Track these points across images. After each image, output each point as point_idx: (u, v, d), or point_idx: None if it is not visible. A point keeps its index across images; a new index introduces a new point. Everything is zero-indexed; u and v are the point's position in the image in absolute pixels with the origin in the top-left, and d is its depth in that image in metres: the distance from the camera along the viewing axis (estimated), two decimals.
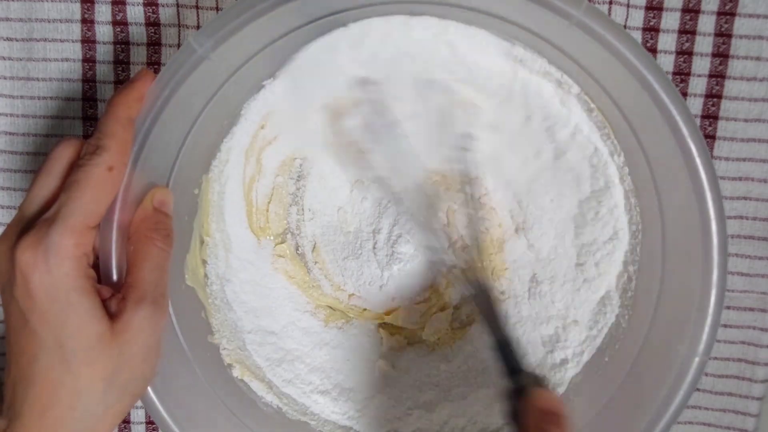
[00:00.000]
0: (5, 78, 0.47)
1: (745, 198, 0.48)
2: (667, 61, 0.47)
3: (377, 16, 0.40)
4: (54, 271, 0.32)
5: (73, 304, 0.33)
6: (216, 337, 0.45)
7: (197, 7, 0.46)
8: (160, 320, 0.36)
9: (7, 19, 0.46)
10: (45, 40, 0.46)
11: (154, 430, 0.50)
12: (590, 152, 0.44)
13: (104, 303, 0.34)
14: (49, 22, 0.46)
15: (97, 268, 0.36)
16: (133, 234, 0.37)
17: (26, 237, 0.33)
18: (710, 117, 0.47)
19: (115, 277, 0.36)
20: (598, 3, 0.46)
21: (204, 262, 0.45)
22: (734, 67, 0.46)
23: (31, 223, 0.34)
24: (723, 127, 0.47)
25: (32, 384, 0.33)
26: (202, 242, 0.45)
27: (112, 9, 0.46)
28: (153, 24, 0.46)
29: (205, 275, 0.45)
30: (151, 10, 0.46)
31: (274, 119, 0.45)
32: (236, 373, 0.45)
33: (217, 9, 0.46)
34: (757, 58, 0.46)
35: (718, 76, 0.46)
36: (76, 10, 0.46)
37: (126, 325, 0.34)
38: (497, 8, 0.39)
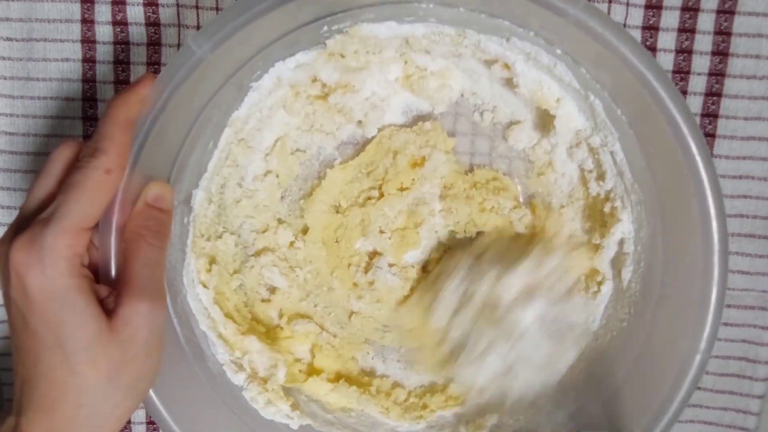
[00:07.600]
0: (5, 78, 0.47)
1: (745, 196, 0.48)
2: (666, 60, 0.46)
3: (382, 18, 0.41)
4: (48, 272, 0.32)
5: (69, 303, 0.33)
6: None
7: (197, 7, 0.46)
8: (157, 316, 0.35)
9: (7, 19, 0.46)
10: (45, 40, 0.46)
11: (154, 430, 0.50)
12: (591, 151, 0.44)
13: (102, 302, 0.34)
14: (49, 22, 0.46)
15: (94, 268, 0.36)
16: (125, 231, 0.37)
17: (20, 237, 0.33)
18: (710, 115, 0.47)
19: (113, 275, 0.36)
20: (598, 1, 0.46)
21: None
22: (734, 65, 0.46)
23: (28, 224, 0.34)
24: (723, 126, 0.47)
25: (38, 384, 0.34)
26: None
27: (112, 9, 0.46)
28: (153, 24, 0.46)
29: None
30: (151, 10, 0.46)
31: None
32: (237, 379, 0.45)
33: (217, 9, 0.46)
34: (757, 56, 0.46)
35: (717, 74, 0.46)
36: (76, 10, 0.46)
37: (123, 321, 0.34)
38: (496, 7, 0.39)
